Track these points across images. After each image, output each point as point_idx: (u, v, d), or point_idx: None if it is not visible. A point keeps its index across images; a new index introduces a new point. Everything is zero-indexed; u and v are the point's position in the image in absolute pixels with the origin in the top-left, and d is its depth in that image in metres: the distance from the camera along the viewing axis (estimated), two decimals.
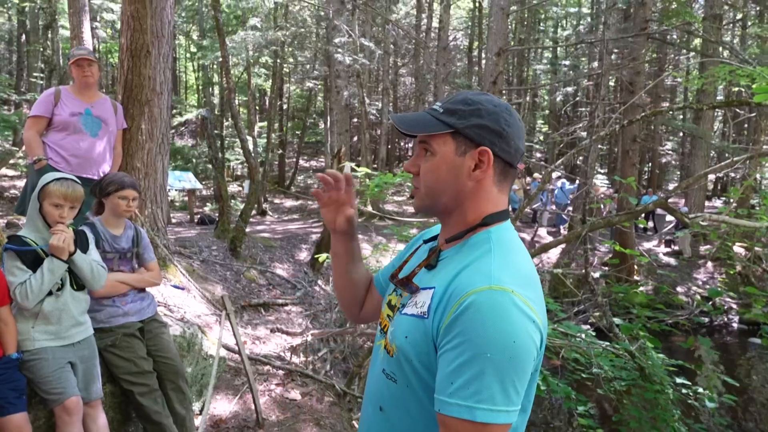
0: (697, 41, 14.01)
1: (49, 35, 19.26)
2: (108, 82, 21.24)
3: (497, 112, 0.95)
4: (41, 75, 18.88)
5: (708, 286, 10.61)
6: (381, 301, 1.14)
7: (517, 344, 0.80)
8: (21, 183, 12.62)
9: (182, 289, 2.93)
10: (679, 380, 3.55)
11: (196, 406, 2.92)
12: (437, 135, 0.96)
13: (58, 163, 3.11)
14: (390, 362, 0.96)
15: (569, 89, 19.95)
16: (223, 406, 3.31)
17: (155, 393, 2.43)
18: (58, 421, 2.07)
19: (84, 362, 2.19)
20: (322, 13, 15.82)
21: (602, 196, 9.89)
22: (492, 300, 0.81)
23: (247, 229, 7.88)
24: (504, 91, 12.38)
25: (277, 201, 18.66)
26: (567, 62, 19.81)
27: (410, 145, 23.87)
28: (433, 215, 1.04)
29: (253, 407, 3.21)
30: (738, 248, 10.09)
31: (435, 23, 19.94)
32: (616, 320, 3.93)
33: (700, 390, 3.60)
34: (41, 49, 19.31)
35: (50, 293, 2.08)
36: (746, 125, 20.13)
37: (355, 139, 21.44)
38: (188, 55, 25.61)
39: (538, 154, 19.79)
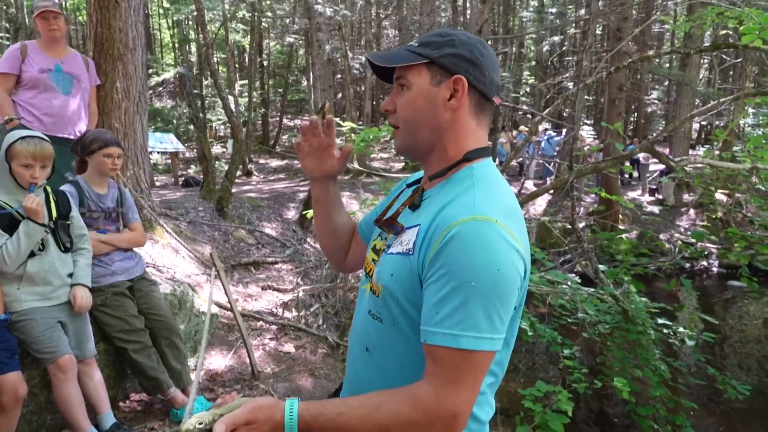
0: None
1: None
2: (79, 42, 20.35)
3: (471, 42, 0.96)
4: (7, 35, 18.00)
5: (690, 232, 10.86)
6: (366, 249, 1.14)
7: (501, 272, 0.81)
8: None
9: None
10: (660, 321, 3.67)
11: (191, 362, 2.96)
12: (412, 67, 0.96)
13: (32, 123, 3.00)
14: (376, 302, 0.96)
15: (556, 38, 19.56)
16: (218, 360, 3.37)
17: (149, 349, 2.45)
18: (54, 379, 2.08)
19: (74, 321, 2.19)
20: None
21: (589, 146, 9.93)
22: (476, 230, 0.82)
23: (234, 190, 7.79)
24: (489, 41, 12.09)
25: (262, 161, 18.41)
26: (553, 10, 19.34)
27: None
28: (415, 157, 1.03)
29: (248, 361, 3.27)
30: (720, 195, 10.28)
31: None
32: (602, 267, 4.01)
33: (681, 329, 3.74)
34: (4, 7, 18.34)
35: (32, 255, 2.05)
36: (731, 72, 20.06)
37: (339, 95, 21.00)
38: (161, 11, 24.52)
39: (525, 107, 19.61)
